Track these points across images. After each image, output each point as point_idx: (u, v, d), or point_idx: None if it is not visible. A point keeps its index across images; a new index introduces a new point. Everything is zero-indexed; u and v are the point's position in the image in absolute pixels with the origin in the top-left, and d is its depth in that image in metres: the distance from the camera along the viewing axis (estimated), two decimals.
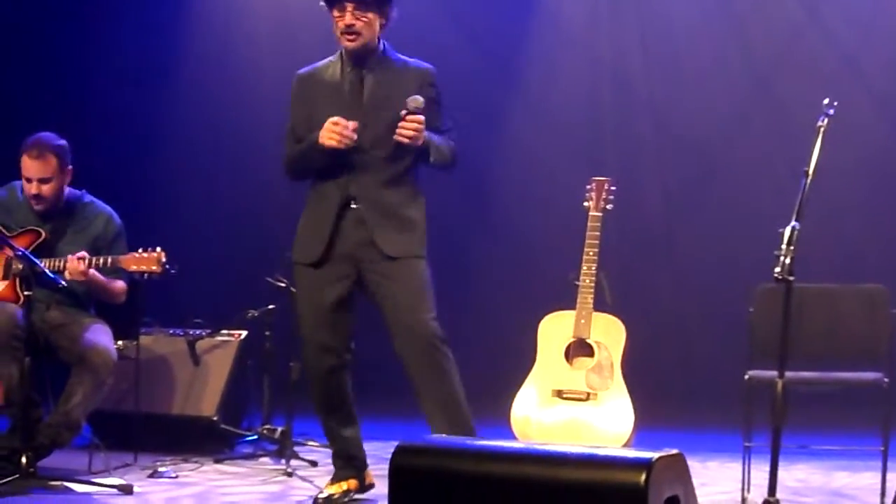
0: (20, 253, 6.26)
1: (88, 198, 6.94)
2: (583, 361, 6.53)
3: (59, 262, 6.55)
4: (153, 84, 9.68)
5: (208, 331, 7.71)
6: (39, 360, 6.51)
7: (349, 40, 5.78)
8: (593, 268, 6.57)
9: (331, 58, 6.00)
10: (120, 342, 7.02)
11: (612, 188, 6.73)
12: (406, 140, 5.68)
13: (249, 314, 7.62)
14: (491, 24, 9.43)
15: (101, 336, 6.67)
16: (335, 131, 5.70)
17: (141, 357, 7.25)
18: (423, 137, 5.71)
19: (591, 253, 6.60)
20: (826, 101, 5.54)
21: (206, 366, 7.63)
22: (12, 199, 6.88)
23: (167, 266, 6.51)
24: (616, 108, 9.33)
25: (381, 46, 5.91)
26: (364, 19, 5.76)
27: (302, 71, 6.06)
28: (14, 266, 6.60)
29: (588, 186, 6.77)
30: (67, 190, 6.87)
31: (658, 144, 9.25)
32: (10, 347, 6.35)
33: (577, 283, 6.59)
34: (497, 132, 9.18)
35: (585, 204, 6.74)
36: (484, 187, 9.30)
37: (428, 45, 6.31)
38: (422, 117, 5.69)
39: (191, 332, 7.71)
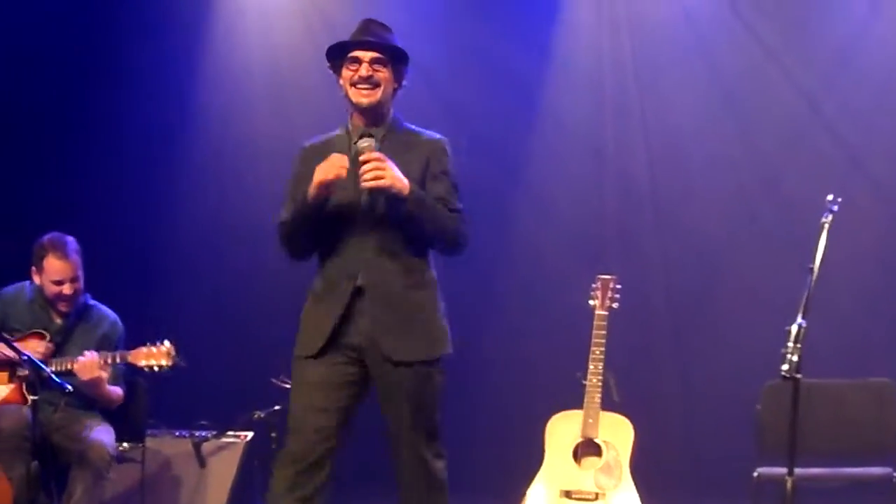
0: (25, 358, 6.24)
1: (91, 301, 6.96)
2: (591, 461, 6.51)
3: (70, 363, 6.54)
4: (156, 181, 9.70)
5: (214, 432, 7.68)
6: (46, 462, 6.49)
7: (365, 94, 5.23)
8: (600, 367, 6.57)
9: (337, 130, 5.42)
10: (125, 444, 7.01)
11: (618, 286, 6.74)
12: (371, 184, 5.01)
13: (255, 415, 7.61)
14: (493, 120, 9.45)
15: (99, 432, 6.65)
16: (333, 163, 5.08)
17: (146, 459, 7.24)
18: (392, 179, 5.03)
19: (597, 352, 6.60)
20: (830, 197, 5.56)
21: (212, 467, 7.59)
22: (21, 299, 6.89)
23: (177, 359, 6.52)
24: (621, 206, 9.33)
25: (391, 117, 5.39)
26: (381, 73, 5.24)
27: (308, 142, 5.45)
28: (20, 369, 6.59)
29: (594, 285, 6.79)
30: None
31: (663, 242, 9.25)
32: (20, 450, 6.34)
33: (584, 382, 6.59)
34: (501, 229, 9.18)
35: (591, 302, 6.76)
36: (488, 285, 9.28)
37: None
38: (378, 154, 5.06)
39: (196, 434, 7.69)
